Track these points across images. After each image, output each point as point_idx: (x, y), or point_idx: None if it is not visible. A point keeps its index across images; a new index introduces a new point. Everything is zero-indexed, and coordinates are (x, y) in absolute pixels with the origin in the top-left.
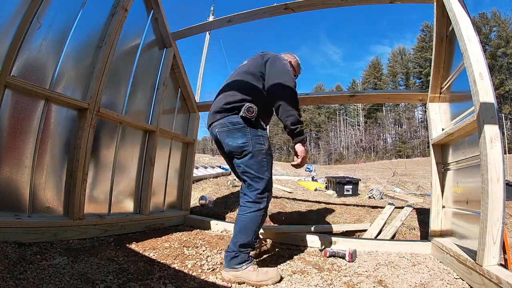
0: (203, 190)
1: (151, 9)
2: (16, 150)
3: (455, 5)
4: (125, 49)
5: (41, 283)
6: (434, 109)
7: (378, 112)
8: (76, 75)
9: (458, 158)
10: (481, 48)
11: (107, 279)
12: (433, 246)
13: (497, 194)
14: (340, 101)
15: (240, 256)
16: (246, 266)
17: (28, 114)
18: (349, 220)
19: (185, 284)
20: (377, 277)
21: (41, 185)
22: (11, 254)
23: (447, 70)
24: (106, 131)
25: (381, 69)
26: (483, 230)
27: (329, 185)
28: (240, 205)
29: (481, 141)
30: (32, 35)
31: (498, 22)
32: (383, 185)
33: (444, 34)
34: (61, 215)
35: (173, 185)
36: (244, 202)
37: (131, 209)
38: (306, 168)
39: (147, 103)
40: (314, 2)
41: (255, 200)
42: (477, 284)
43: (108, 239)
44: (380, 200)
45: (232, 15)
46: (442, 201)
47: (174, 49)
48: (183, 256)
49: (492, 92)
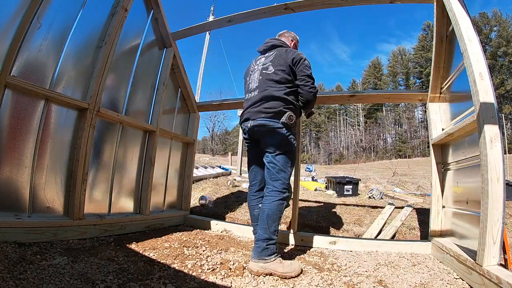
0: (203, 190)
1: (151, 9)
2: (16, 150)
3: (455, 5)
4: (125, 49)
5: (41, 283)
6: (434, 109)
7: (378, 112)
8: (76, 75)
9: (458, 158)
10: (481, 48)
11: (107, 279)
12: (433, 246)
13: (497, 194)
14: (340, 101)
15: (270, 248)
16: (275, 258)
17: (28, 114)
18: (349, 220)
19: (185, 284)
20: (377, 277)
21: (41, 185)
22: (11, 254)
23: (447, 70)
24: (106, 131)
25: (381, 69)
26: (483, 230)
27: (329, 185)
28: (264, 196)
29: (481, 141)
30: (32, 35)
31: (499, 21)
32: (383, 185)
33: (444, 34)
34: (61, 215)
35: (173, 185)
36: (269, 191)
37: (131, 209)
38: (306, 168)
39: (147, 103)
40: (314, 2)
41: (280, 190)
42: (477, 284)
43: (108, 239)
44: (380, 200)
45: (232, 15)
46: (442, 201)
47: (174, 49)
48: (183, 256)
49: (492, 92)
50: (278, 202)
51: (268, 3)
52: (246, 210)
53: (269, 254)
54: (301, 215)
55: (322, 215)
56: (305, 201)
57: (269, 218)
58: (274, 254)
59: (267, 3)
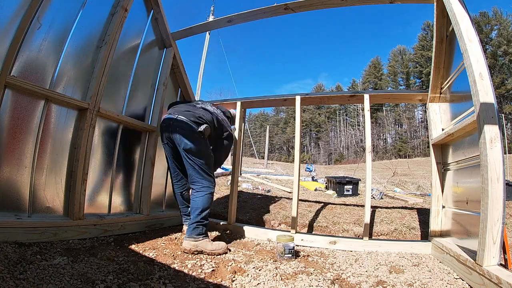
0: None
1: (151, 9)
2: (16, 150)
3: (455, 5)
4: (125, 49)
5: (41, 283)
6: (434, 109)
7: (378, 112)
8: (76, 75)
9: (458, 158)
10: (481, 48)
11: (107, 279)
12: (433, 246)
13: (497, 194)
14: (340, 101)
15: (199, 229)
16: (203, 238)
17: (28, 114)
18: (349, 220)
19: (185, 284)
20: (377, 277)
21: (41, 185)
22: (11, 254)
23: (447, 70)
24: (106, 131)
25: (381, 68)
26: (483, 230)
27: (329, 185)
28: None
29: (481, 141)
30: (32, 35)
31: (499, 21)
32: (383, 185)
33: (444, 34)
34: (61, 215)
35: None
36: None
37: (131, 209)
38: (306, 168)
39: (147, 103)
40: (314, 2)
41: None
42: (477, 284)
43: (108, 239)
44: (380, 200)
45: (232, 15)
46: (442, 201)
47: (174, 49)
48: (183, 256)
49: (492, 93)
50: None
51: (268, 3)
52: (246, 210)
53: (198, 233)
54: (301, 215)
55: (322, 215)
56: (305, 201)
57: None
58: (203, 235)
59: (267, 3)
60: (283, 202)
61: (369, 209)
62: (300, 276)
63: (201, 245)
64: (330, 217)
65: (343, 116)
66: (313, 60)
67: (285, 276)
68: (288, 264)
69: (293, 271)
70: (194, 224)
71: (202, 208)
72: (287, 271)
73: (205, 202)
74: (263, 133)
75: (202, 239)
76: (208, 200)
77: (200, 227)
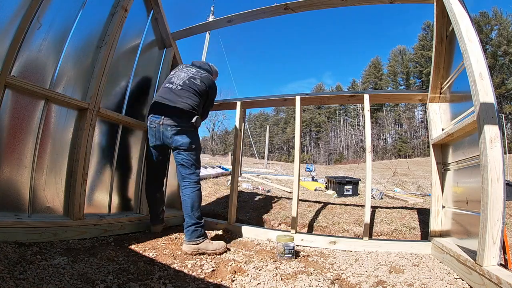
0: (203, 190)
1: (151, 9)
2: (16, 150)
3: (455, 5)
4: (125, 49)
5: (41, 283)
6: (434, 109)
7: (378, 112)
8: (76, 75)
9: (458, 158)
10: (481, 48)
11: (107, 279)
12: (433, 246)
13: (497, 194)
14: (340, 101)
15: (198, 231)
16: (203, 239)
17: (28, 114)
18: (349, 220)
19: (185, 284)
20: (377, 277)
21: (41, 185)
22: (11, 254)
23: (447, 70)
24: (106, 131)
25: (381, 68)
26: (483, 230)
27: (329, 185)
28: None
29: (481, 141)
30: (32, 35)
31: (499, 20)
32: (383, 185)
33: (444, 34)
34: (61, 215)
35: (173, 185)
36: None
37: (131, 209)
38: (306, 168)
39: (147, 103)
40: (314, 2)
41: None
42: (477, 284)
43: (108, 239)
44: (380, 200)
45: (232, 15)
46: (442, 201)
47: (174, 49)
48: (183, 256)
49: (492, 93)
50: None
51: (268, 3)
52: (246, 210)
53: (198, 235)
54: (301, 215)
55: (322, 215)
56: (305, 201)
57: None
58: (203, 236)
59: (267, 3)
60: (283, 202)
61: (369, 209)
62: (300, 276)
63: (203, 247)
64: (330, 217)
65: (343, 116)
66: (315, 60)
67: (285, 276)
68: (288, 264)
69: (293, 271)
70: (192, 227)
71: (196, 204)
72: (287, 271)
73: (197, 197)
74: (263, 133)
75: (202, 241)
76: (200, 196)
77: (199, 228)
